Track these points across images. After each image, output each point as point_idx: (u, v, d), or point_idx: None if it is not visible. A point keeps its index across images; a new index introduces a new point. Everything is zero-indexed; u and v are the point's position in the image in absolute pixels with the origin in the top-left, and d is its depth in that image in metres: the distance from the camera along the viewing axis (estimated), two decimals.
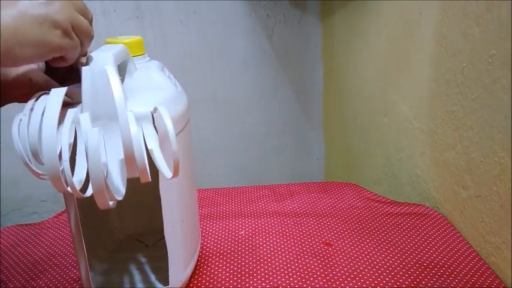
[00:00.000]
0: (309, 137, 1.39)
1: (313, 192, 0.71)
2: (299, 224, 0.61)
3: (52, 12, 0.32)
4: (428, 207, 0.64)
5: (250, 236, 0.59)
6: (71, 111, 0.34)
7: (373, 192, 0.70)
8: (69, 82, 0.39)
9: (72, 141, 0.33)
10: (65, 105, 0.35)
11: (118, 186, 0.34)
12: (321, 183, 0.74)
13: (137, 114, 0.34)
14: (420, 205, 0.65)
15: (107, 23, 1.18)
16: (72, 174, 0.32)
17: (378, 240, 0.56)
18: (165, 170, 0.35)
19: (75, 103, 0.37)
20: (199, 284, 0.49)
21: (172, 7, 1.19)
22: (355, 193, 0.70)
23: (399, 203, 0.66)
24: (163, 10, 1.19)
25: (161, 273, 0.49)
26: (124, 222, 0.58)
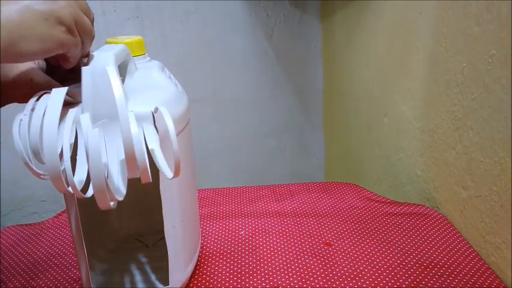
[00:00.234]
0: (309, 137, 1.39)
1: (313, 192, 0.71)
2: (299, 224, 0.61)
3: (57, 9, 0.32)
4: (428, 207, 0.64)
5: (250, 236, 0.59)
6: (71, 111, 0.34)
7: (373, 192, 0.70)
8: (70, 82, 0.39)
9: (73, 141, 0.33)
10: (66, 104, 0.35)
11: (119, 186, 0.34)
12: (321, 183, 0.74)
13: (138, 114, 0.34)
14: (420, 205, 0.65)
15: (107, 23, 1.18)
16: (73, 175, 0.32)
17: (378, 240, 0.56)
18: (166, 170, 0.35)
19: (76, 103, 0.37)
20: (199, 284, 0.49)
21: (172, 7, 1.19)
22: (355, 193, 0.70)
23: (399, 203, 0.66)
24: (163, 10, 1.19)
25: (161, 273, 0.49)
26: (124, 222, 0.58)
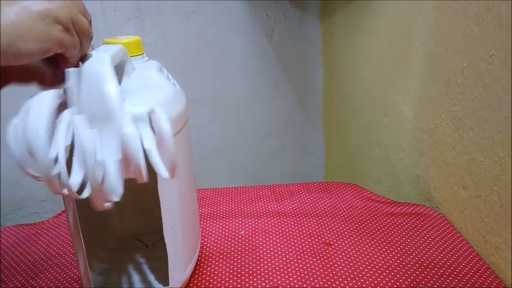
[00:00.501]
0: (309, 137, 1.39)
1: (313, 192, 0.71)
2: (299, 224, 0.61)
3: (53, 8, 0.33)
4: (428, 207, 0.64)
5: (250, 236, 0.59)
6: (66, 113, 0.34)
7: (373, 192, 0.70)
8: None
9: (70, 142, 0.33)
10: (65, 106, 0.35)
11: (115, 187, 0.34)
12: (321, 183, 0.74)
13: (134, 115, 0.34)
14: (420, 205, 0.65)
15: (106, 23, 1.18)
16: (69, 176, 0.32)
17: (378, 240, 0.56)
18: (162, 170, 0.34)
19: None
20: (199, 284, 0.49)
21: (172, 7, 1.19)
22: (355, 193, 0.70)
23: (399, 203, 0.66)
24: (163, 10, 1.19)
25: (161, 273, 0.49)
26: (124, 222, 0.58)
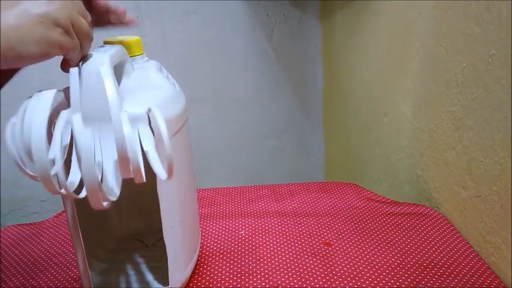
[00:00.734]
0: (309, 137, 1.39)
1: (313, 192, 0.71)
2: (299, 224, 0.61)
3: (53, 11, 0.33)
4: (428, 207, 0.64)
5: (250, 235, 0.59)
6: (65, 112, 0.34)
7: (373, 192, 0.70)
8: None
9: (68, 142, 0.33)
10: (65, 105, 0.35)
11: (112, 187, 0.34)
12: (321, 183, 0.74)
13: (133, 115, 0.34)
14: (420, 205, 0.65)
15: None
16: (67, 176, 0.32)
17: (378, 240, 0.56)
18: (160, 171, 0.34)
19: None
20: (199, 284, 0.49)
21: (172, 7, 1.19)
22: (355, 193, 0.70)
23: (399, 203, 0.66)
24: (163, 10, 1.19)
25: (161, 273, 0.49)
26: (124, 222, 0.58)
